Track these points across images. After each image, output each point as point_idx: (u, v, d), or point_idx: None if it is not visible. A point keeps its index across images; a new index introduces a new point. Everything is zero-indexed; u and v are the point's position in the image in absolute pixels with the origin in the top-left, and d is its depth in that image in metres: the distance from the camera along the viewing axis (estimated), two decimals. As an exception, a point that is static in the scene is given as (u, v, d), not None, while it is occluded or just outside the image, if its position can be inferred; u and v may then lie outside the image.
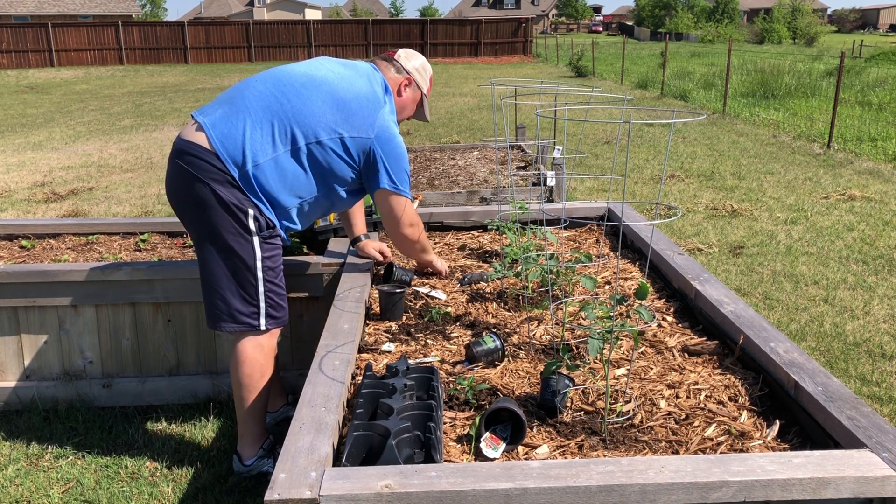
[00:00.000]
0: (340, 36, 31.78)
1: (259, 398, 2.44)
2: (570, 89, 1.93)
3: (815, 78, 17.20)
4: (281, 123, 2.29)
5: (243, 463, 2.53)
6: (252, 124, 2.27)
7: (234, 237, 2.30)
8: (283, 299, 2.46)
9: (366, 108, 2.37)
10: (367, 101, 2.39)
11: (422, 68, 2.62)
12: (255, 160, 2.27)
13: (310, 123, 2.30)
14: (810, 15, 53.08)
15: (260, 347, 2.41)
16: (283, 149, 2.29)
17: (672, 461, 1.42)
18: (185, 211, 2.38)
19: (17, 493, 2.57)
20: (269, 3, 68.67)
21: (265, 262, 2.36)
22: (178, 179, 2.33)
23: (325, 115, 2.32)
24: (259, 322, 2.38)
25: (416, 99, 2.62)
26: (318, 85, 2.36)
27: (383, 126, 2.39)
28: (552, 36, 42.81)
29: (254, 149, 2.26)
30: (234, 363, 2.41)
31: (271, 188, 2.32)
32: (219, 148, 2.25)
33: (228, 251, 2.31)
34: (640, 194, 7.19)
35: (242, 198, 2.29)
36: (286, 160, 2.31)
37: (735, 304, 2.18)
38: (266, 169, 2.28)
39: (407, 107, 2.61)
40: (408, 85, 2.58)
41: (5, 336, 2.97)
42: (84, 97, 17.96)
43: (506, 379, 1.94)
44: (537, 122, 2.11)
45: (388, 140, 2.40)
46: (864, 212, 6.49)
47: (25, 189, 7.73)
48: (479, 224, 3.36)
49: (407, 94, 2.58)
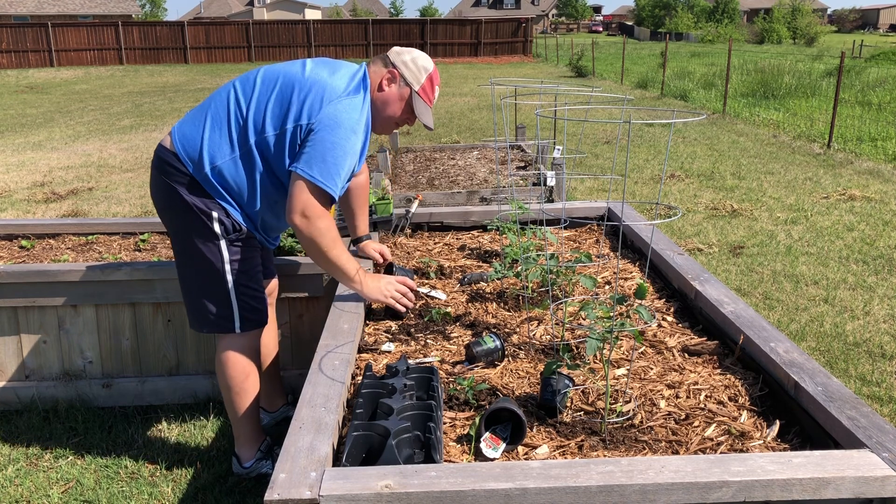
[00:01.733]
0: (340, 36, 31.79)
1: (247, 399, 2.43)
2: (570, 89, 1.93)
3: (815, 78, 17.21)
4: (236, 121, 2.24)
5: (242, 465, 2.53)
6: (212, 126, 2.25)
7: (202, 241, 2.28)
8: (259, 300, 2.43)
9: (318, 93, 2.19)
10: (322, 87, 2.20)
11: (412, 63, 2.31)
12: (213, 162, 2.23)
13: (258, 117, 2.22)
14: (810, 15, 53.08)
15: (240, 349, 2.40)
16: (239, 149, 2.24)
17: (672, 461, 1.42)
18: (161, 215, 2.40)
19: (17, 493, 2.57)
20: (269, 3, 68.67)
21: (234, 266, 2.32)
22: (153, 184, 2.36)
23: (273, 105, 2.21)
24: (234, 325, 2.37)
25: (404, 96, 2.31)
26: (277, 77, 2.25)
27: (332, 112, 2.16)
28: (552, 36, 42.82)
29: (211, 150, 2.23)
30: (218, 366, 2.42)
31: (233, 188, 2.27)
32: (179, 150, 2.26)
33: (198, 254, 2.30)
34: (640, 194, 7.18)
35: (207, 200, 2.26)
36: (243, 159, 2.24)
37: (735, 304, 2.18)
38: (225, 170, 2.24)
39: (390, 103, 2.31)
40: (391, 79, 2.29)
41: (5, 336, 2.97)
42: (84, 97, 17.96)
43: (506, 379, 1.94)
44: (537, 122, 2.11)
45: (332, 127, 2.15)
46: (864, 212, 6.49)
47: (25, 189, 7.73)
48: (479, 224, 3.36)
49: (390, 91, 2.29)
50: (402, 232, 3.26)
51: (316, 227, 2.15)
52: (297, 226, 2.15)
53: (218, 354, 2.41)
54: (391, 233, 3.25)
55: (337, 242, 2.20)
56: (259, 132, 2.21)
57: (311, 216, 2.14)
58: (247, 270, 2.36)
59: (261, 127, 2.21)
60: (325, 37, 31.49)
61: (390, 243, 3.13)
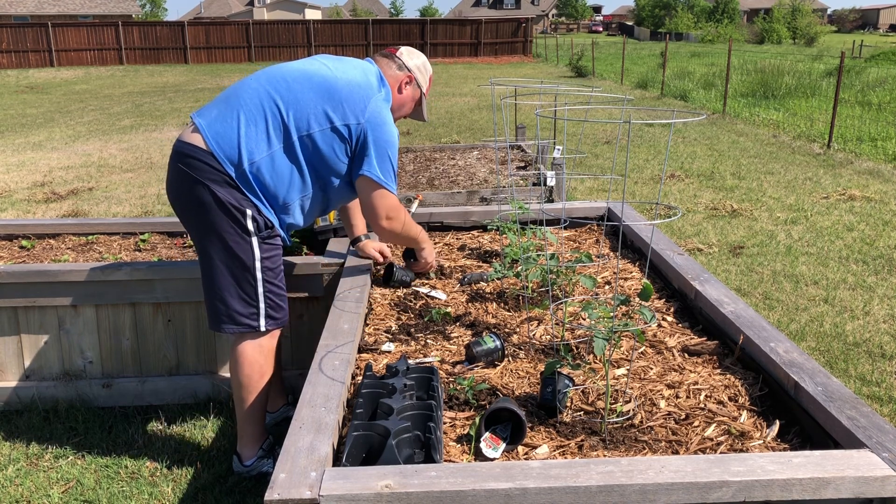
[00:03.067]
0: (340, 36, 31.78)
1: (258, 398, 2.44)
2: (570, 89, 1.93)
3: (815, 78, 17.21)
4: (274, 119, 2.28)
5: (243, 463, 2.53)
6: (246, 122, 2.27)
7: (233, 238, 2.30)
8: (283, 300, 2.46)
9: (357, 93, 2.34)
10: (360, 87, 2.36)
11: (423, 67, 2.59)
12: (252, 158, 2.27)
13: (301, 115, 2.29)
14: (810, 15, 53.08)
15: (259, 348, 2.41)
16: (278, 144, 2.29)
17: (672, 461, 1.42)
18: (185, 213, 2.38)
19: (17, 493, 2.57)
20: (269, 3, 68.66)
21: (264, 263, 2.36)
22: (177, 182, 2.33)
23: (315, 105, 2.30)
24: (259, 323, 2.38)
25: (416, 97, 2.60)
26: (309, 77, 2.35)
27: (375, 111, 2.35)
28: (552, 36, 42.81)
29: (249, 147, 2.26)
30: (234, 364, 2.41)
31: (269, 185, 2.31)
32: (215, 148, 2.26)
33: (228, 252, 2.31)
34: (640, 194, 7.19)
35: (241, 198, 2.28)
36: (281, 156, 2.30)
37: (735, 304, 2.18)
38: (263, 166, 2.28)
39: (406, 104, 2.58)
40: (408, 83, 2.55)
41: (5, 336, 2.97)
42: (84, 97, 17.96)
43: (506, 379, 1.94)
44: (537, 122, 2.11)
45: (380, 125, 2.36)
46: (864, 212, 6.49)
47: (25, 189, 7.73)
48: (479, 224, 3.36)
49: (407, 92, 2.55)
50: (402, 232, 3.26)
51: (403, 224, 2.44)
52: (386, 229, 2.41)
53: (235, 352, 2.40)
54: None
55: (414, 224, 2.54)
56: (300, 129, 2.29)
57: (395, 217, 2.41)
58: (274, 269, 2.40)
59: (305, 124, 2.30)
60: (325, 37, 31.48)
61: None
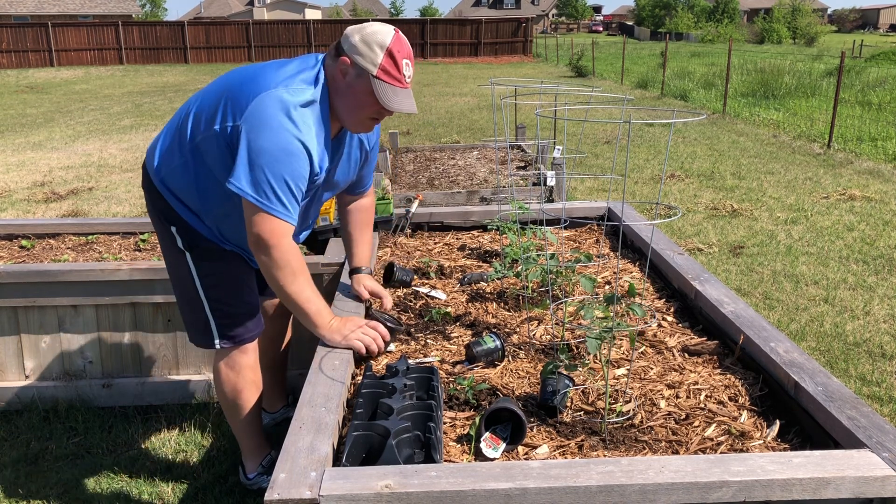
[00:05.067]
0: (340, 36, 31.77)
1: (241, 414, 2.34)
2: (570, 89, 1.93)
3: (815, 78, 17.21)
4: (182, 126, 2.07)
5: (247, 476, 2.50)
6: (167, 133, 2.15)
7: (171, 255, 2.21)
8: (242, 316, 2.24)
9: (247, 89, 1.89)
10: (254, 83, 1.90)
11: (363, 42, 1.87)
12: (165, 168, 2.12)
13: (197, 121, 2.01)
14: (810, 15, 53.10)
15: (229, 365, 2.28)
16: (185, 155, 2.06)
17: (672, 461, 1.42)
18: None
19: (17, 493, 2.57)
20: (269, 2, 68.66)
21: (206, 280, 2.18)
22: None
23: (211, 107, 1.97)
24: (213, 342, 2.23)
25: (366, 85, 1.88)
26: (226, 77, 2.05)
27: (257, 110, 1.84)
28: (552, 36, 42.82)
29: (162, 157, 2.13)
30: (213, 380, 2.37)
31: (185, 199, 2.11)
32: (147, 161, 2.20)
33: (171, 268, 2.25)
34: (640, 194, 7.18)
35: (168, 212, 2.14)
36: (188, 166, 2.06)
37: (735, 303, 2.18)
38: (174, 177, 2.10)
39: (351, 97, 1.92)
40: (345, 70, 1.90)
41: (5, 336, 2.97)
42: (84, 97, 17.96)
43: (506, 379, 1.94)
44: (537, 122, 2.11)
45: (257, 127, 1.83)
46: (864, 212, 6.49)
47: (25, 189, 7.73)
48: (479, 224, 3.36)
49: (346, 83, 1.92)
50: (402, 232, 3.26)
51: (271, 257, 1.89)
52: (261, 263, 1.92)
53: (213, 368, 2.34)
54: (391, 233, 3.25)
55: (297, 276, 1.92)
56: (196, 133, 2.01)
57: (264, 245, 1.88)
58: (220, 285, 2.19)
59: (202, 127, 1.99)
60: (325, 37, 31.47)
61: (390, 243, 3.13)
